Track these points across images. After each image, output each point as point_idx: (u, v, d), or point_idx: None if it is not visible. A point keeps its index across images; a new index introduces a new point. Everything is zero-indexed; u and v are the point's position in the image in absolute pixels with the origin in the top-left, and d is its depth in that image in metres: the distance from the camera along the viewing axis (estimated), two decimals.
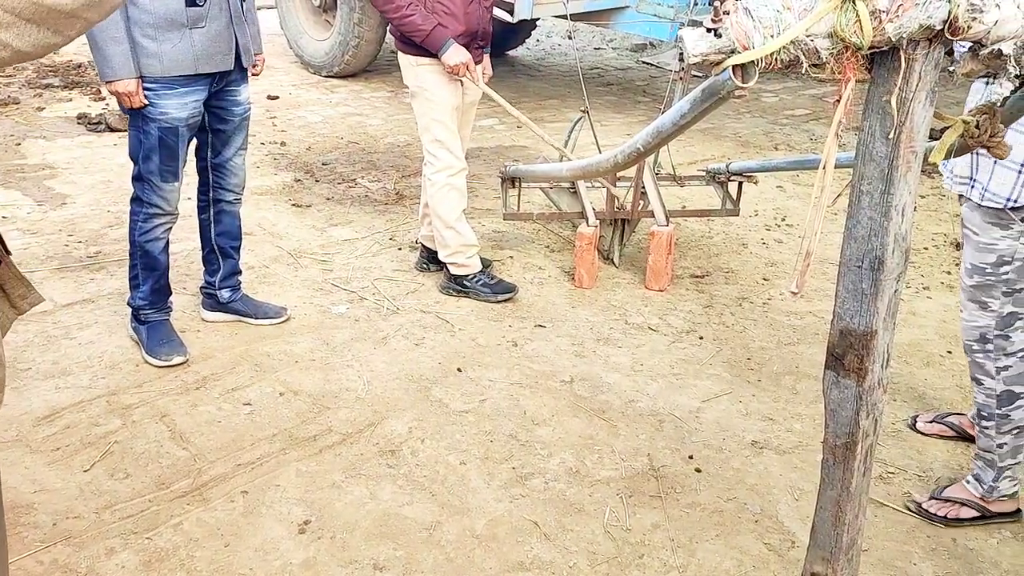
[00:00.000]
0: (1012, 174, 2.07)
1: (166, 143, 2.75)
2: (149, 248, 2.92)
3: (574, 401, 2.87)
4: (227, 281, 3.22)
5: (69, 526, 2.21)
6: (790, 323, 3.45)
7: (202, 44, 2.69)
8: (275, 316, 3.27)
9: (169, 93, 2.70)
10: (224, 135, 2.97)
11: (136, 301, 2.98)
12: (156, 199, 2.85)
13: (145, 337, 2.97)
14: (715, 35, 1.33)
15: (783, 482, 2.51)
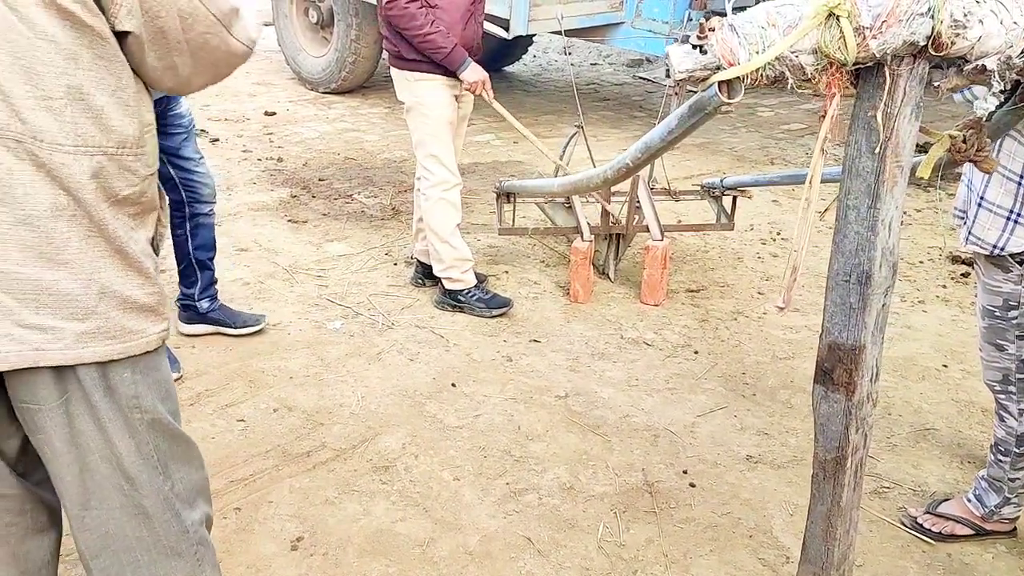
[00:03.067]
0: (1000, 219, 2.01)
1: None
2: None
3: (568, 416, 2.86)
4: (206, 292, 3.22)
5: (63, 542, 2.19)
6: (785, 337, 3.45)
7: None
8: (254, 324, 3.27)
9: None
10: (175, 150, 2.94)
11: None
12: None
13: None
14: (701, 51, 1.35)
15: (778, 497, 2.50)
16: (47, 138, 1.19)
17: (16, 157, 1.19)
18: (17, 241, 1.22)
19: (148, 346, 1.35)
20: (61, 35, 1.17)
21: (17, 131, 1.18)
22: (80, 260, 1.26)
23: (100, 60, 1.21)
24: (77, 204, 1.23)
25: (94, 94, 1.22)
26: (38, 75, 1.17)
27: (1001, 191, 2.00)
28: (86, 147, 1.22)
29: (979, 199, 2.04)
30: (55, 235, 1.23)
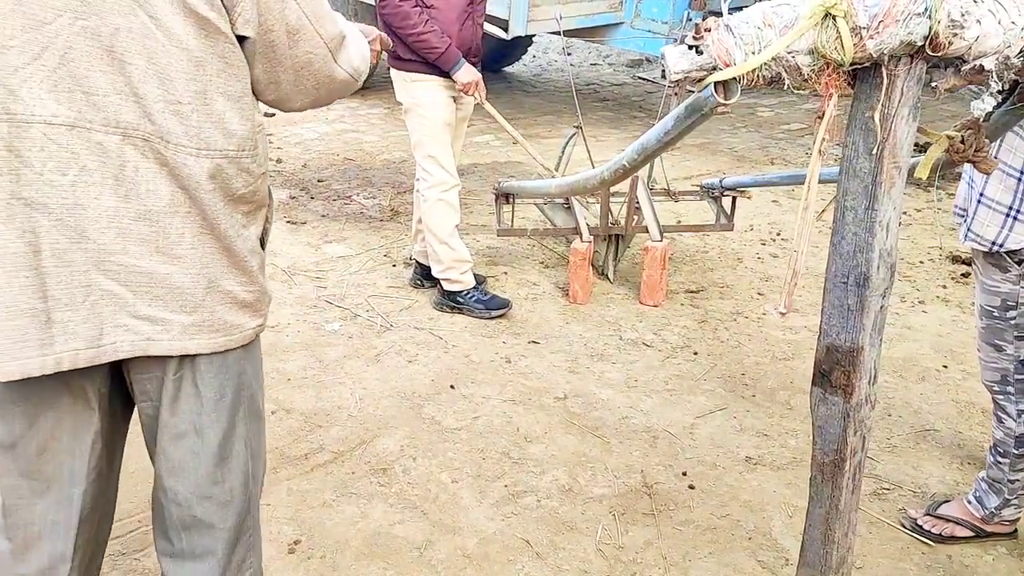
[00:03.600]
0: (999, 216, 2.00)
1: None
2: None
3: (567, 418, 2.86)
4: None
5: None
6: (785, 338, 3.44)
7: None
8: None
9: None
10: None
11: None
12: None
13: None
14: (697, 52, 1.34)
15: (777, 498, 2.49)
16: (172, 139, 1.26)
17: (142, 155, 1.26)
18: (137, 235, 1.29)
19: (245, 340, 1.42)
20: (194, 43, 1.24)
21: (146, 131, 1.25)
22: (191, 256, 1.32)
23: (226, 67, 1.28)
24: (192, 202, 1.30)
25: (218, 99, 1.28)
26: (170, 80, 1.24)
27: (1001, 187, 2.00)
28: (207, 149, 1.29)
29: (979, 195, 2.03)
30: (171, 231, 1.30)
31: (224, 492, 1.48)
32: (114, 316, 1.31)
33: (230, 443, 1.47)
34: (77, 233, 1.26)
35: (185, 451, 1.44)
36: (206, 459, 1.45)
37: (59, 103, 1.22)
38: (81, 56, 1.21)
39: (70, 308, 1.28)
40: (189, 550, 1.51)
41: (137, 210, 1.27)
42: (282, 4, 1.31)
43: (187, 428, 1.43)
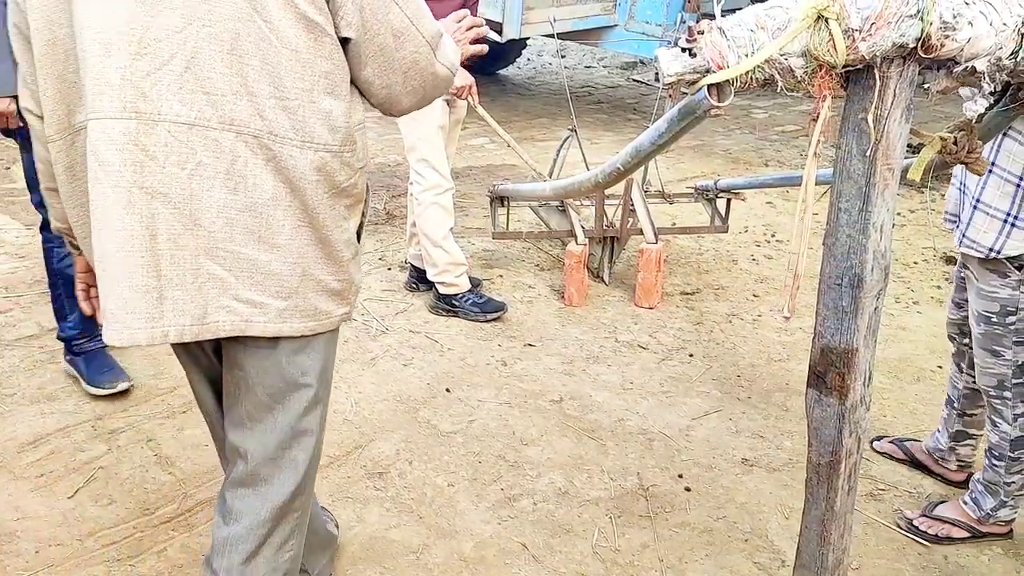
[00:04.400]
0: (996, 222, 2.00)
1: None
2: (71, 273, 2.78)
3: (563, 420, 2.85)
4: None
5: (52, 554, 2.19)
6: (780, 339, 3.44)
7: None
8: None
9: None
10: None
11: (67, 332, 2.82)
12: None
13: (84, 368, 2.83)
14: (690, 55, 1.34)
15: (773, 500, 2.49)
16: (280, 133, 1.37)
17: (251, 151, 1.37)
18: (242, 225, 1.40)
19: (331, 326, 1.56)
20: (302, 44, 1.36)
21: (256, 127, 1.36)
22: (289, 245, 1.44)
23: (331, 67, 1.40)
24: (293, 195, 1.42)
25: (323, 97, 1.39)
26: (280, 79, 1.36)
27: (998, 193, 2.00)
28: (312, 143, 1.40)
29: (975, 201, 2.03)
30: (272, 222, 1.41)
31: (289, 462, 1.62)
32: (218, 298, 1.43)
33: (305, 419, 1.61)
34: (191, 221, 1.38)
35: (265, 421, 1.59)
36: (282, 430, 1.60)
37: (182, 104, 1.34)
38: (205, 60, 1.33)
39: (180, 288, 1.41)
40: (244, 509, 1.64)
41: (244, 202, 1.39)
42: (386, 8, 1.42)
43: (270, 401, 1.58)
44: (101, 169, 1.35)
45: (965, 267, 2.17)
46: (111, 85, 1.33)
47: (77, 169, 1.43)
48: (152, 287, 1.39)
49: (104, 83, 1.33)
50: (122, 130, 1.34)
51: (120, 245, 1.37)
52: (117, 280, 1.39)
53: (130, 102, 1.34)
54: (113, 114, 1.34)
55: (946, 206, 2.20)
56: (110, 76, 1.33)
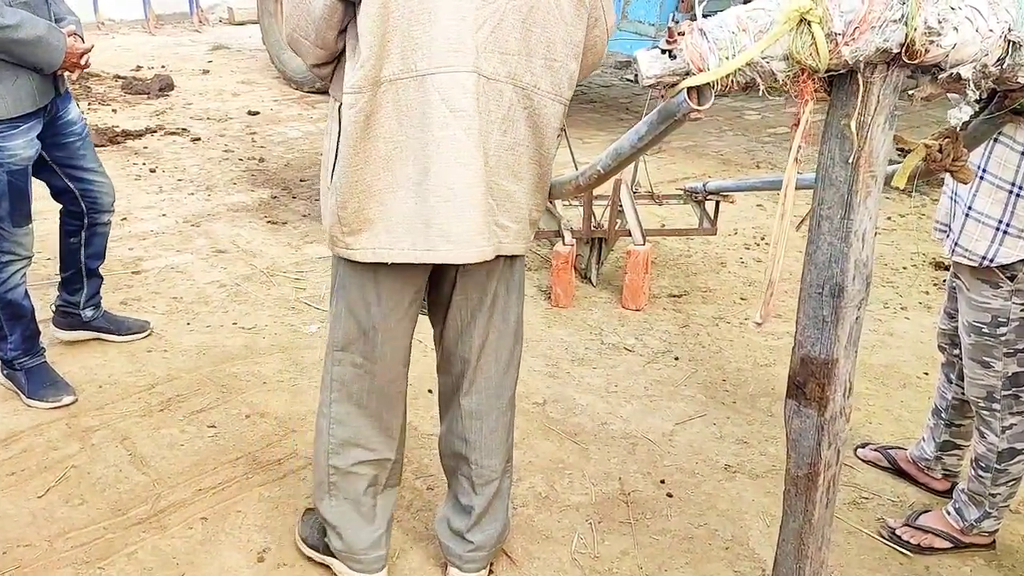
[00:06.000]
0: (988, 230, 1.96)
1: (16, 186, 2.57)
2: (11, 297, 2.70)
3: (546, 423, 2.82)
4: (92, 300, 3.10)
5: (19, 555, 2.15)
6: (767, 344, 3.42)
7: (39, 77, 2.55)
8: (139, 331, 3.16)
9: (14, 132, 2.52)
10: (74, 159, 2.81)
11: (8, 353, 2.76)
12: (11, 246, 2.64)
13: (25, 383, 2.77)
14: (670, 56, 1.31)
15: (755, 507, 2.46)
16: (542, 87, 1.70)
17: (519, 100, 1.70)
18: (504, 162, 1.72)
19: (529, 247, 1.90)
20: (572, 19, 1.69)
21: (527, 82, 1.69)
22: (527, 177, 1.77)
23: (581, 38, 1.73)
24: (534, 137, 1.74)
25: (572, 60, 1.73)
26: (552, 44, 1.68)
27: (990, 200, 1.96)
28: (560, 97, 1.74)
29: (967, 209, 2.00)
30: (521, 158, 1.74)
31: (515, 361, 2.03)
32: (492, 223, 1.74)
33: (519, 321, 2.01)
34: (486, 156, 1.68)
35: (497, 329, 1.95)
36: (507, 336, 1.98)
37: (487, 61, 1.64)
38: (506, 26, 1.63)
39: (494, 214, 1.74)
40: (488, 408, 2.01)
41: (509, 142, 1.71)
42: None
43: (498, 315, 1.94)
44: (452, 115, 1.63)
45: (956, 277, 2.14)
46: (465, 44, 1.60)
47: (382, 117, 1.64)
48: (490, 213, 1.72)
49: (460, 41, 1.60)
50: (473, 83, 1.62)
51: (471, 181, 1.66)
52: (464, 206, 1.67)
53: (474, 60, 1.62)
54: (466, 68, 1.61)
55: (936, 215, 2.17)
56: (465, 37, 1.60)
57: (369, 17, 1.58)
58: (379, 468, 2.03)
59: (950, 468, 2.48)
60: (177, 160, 5.23)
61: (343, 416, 1.98)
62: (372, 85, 1.63)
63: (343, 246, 1.78)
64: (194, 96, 6.72)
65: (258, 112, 6.37)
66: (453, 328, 1.96)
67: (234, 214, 4.43)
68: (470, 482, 2.07)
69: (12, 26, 2.39)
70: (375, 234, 1.73)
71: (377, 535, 2.06)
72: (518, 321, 2.00)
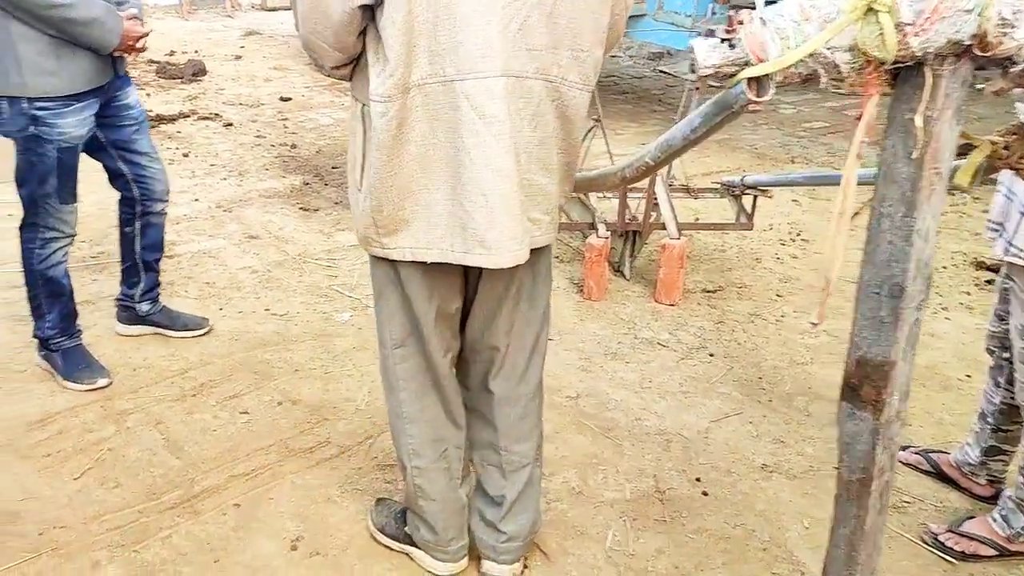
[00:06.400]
0: None
1: (65, 164, 2.58)
2: (52, 274, 2.72)
3: (579, 418, 2.79)
4: (148, 294, 3.09)
5: (56, 536, 2.16)
6: (803, 342, 3.36)
7: (97, 57, 2.55)
8: (196, 327, 3.14)
9: (67, 111, 2.53)
10: (125, 143, 2.81)
11: (45, 332, 2.78)
12: (55, 222, 2.66)
13: (61, 363, 2.79)
14: (729, 46, 1.26)
15: (793, 508, 2.42)
16: (570, 78, 1.67)
17: (547, 94, 1.66)
18: (535, 156, 1.69)
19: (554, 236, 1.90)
20: (598, 6, 1.66)
21: (555, 75, 1.65)
22: (556, 168, 1.75)
23: (605, 24, 1.70)
24: (562, 127, 1.71)
25: (598, 48, 1.70)
26: (579, 35, 1.65)
27: None
28: (588, 86, 1.71)
29: (1022, 207, 1.94)
30: (551, 151, 1.72)
31: (541, 347, 2.03)
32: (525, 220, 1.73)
33: (547, 307, 2.02)
34: (517, 156, 1.66)
35: (524, 316, 1.96)
36: (534, 322, 1.98)
37: (516, 59, 1.60)
38: (533, 22, 1.59)
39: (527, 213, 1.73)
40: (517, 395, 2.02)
41: (539, 137, 1.68)
42: None
43: (524, 302, 1.95)
44: (482, 121, 1.59)
45: (1010, 278, 2.08)
46: (493, 48, 1.57)
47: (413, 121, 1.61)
48: (523, 211, 1.70)
49: (488, 46, 1.56)
50: (502, 87, 1.59)
51: (504, 186, 1.64)
52: (498, 212, 1.65)
53: (503, 62, 1.58)
54: (495, 73, 1.58)
55: (991, 214, 2.10)
56: (493, 40, 1.56)
57: (394, 24, 1.54)
58: (456, 459, 2.05)
59: (995, 474, 2.42)
60: (210, 145, 5.25)
61: (415, 414, 1.98)
62: (401, 92, 1.60)
63: (379, 246, 1.78)
64: (227, 81, 6.74)
65: (290, 98, 6.38)
66: (480, 317, 1.94)
67: (266, 200, 4.44)
68: (500, 471, 2.06)
69: (66, 5, 2.39)
70: (412, 234, 1.72)
71: (460, 525, 2.09)
72: (546, 307, 2.00)
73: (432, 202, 1.69)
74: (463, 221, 1.67)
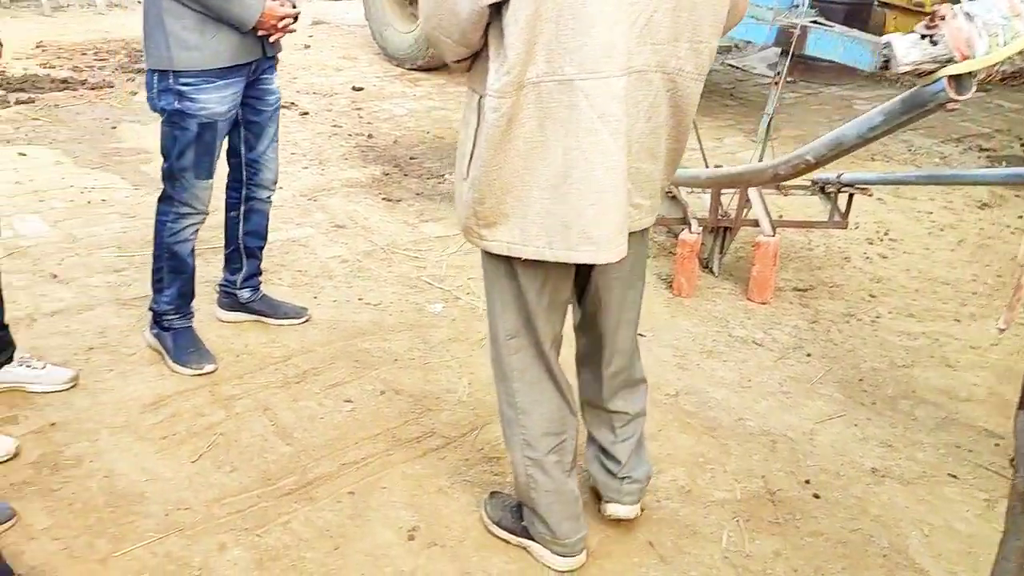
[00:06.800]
0: None
1: (203, 139, 2.61)
2: (178, 250, 2.76)
3: (681, 416, 2.77)
4: (249, 281, 3.11)
5: (180, 518, 2.19)
6: (902, 344, 3.29)
7: (241, 36, 2.56)
8: (296, 316, 3.14)
9: (209, 86, 2.56)
10: (258, 127, 2.83)
11: (161, 306, 2.82)
12: (189, 197, 2.69)
13: (171, 344, 2.83)
14: (930, 42, 1.23)
15: (910, 515, 2.37)
16: (687, 69, 1.69)
17: (664, 85, 1.69)
18: (646, 146, 1.74)
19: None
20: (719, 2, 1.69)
21: (673, 66, 1.67)
22: (663, 156, 1.80)
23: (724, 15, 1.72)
24: (673, 116, 1.75)
25: (714, 39, 1.72)
26: (699, 27, 1.67)
27: None
28: (702, 75, 1.74)
29: None
30: (660, 139, 1.76)
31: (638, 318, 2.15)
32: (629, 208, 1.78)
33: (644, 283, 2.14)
34: (629, 149, 1.69)
35: (633, 293, 2.07)
36: (639, 297, 2.11)
37: (640, 55, 1.63)
38: (658, 17, 1.61)
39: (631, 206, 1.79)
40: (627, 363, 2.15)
41: (651, 127, 1.72)
42: None
43: (633, 287, 2.06)
44: (600, 120, 1.61)
45: None
46: (617, 48, 1.59)
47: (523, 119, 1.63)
48: (628, 205, 1.74)
49: (612, 47, 1.58)
50: (623, 85, 1.61)
51: (616, 184, 1.67)
52: (609, 211, 1.69)
53: (626, 60, 1.60)
54: (617, 72, 1.60)
55: None
56: (617, 41, 1.58)
57: (517, 22, 1.56)
58: (569, 450, 2.06)
59: None
60: (288, 134, 5.29)
61: (529, 405, 1.99)
62: (516, 89, 1.62)
63: (477, 236, 1.82)
64: (298, 70, 6.79)
65: (362, 88, 6.41)
66: (593, 297, 2.04)
67: (349, 190, 4.46)
68: (611, 430, 2.19)
69: None
70: (509, 229, 1.76)
71: (578, 517, 2.09)
72: (644, 283, 2.14)
73: (530, 200, 1.71)
74: (566, 219, 1.69)
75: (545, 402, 2.01)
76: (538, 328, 1.94)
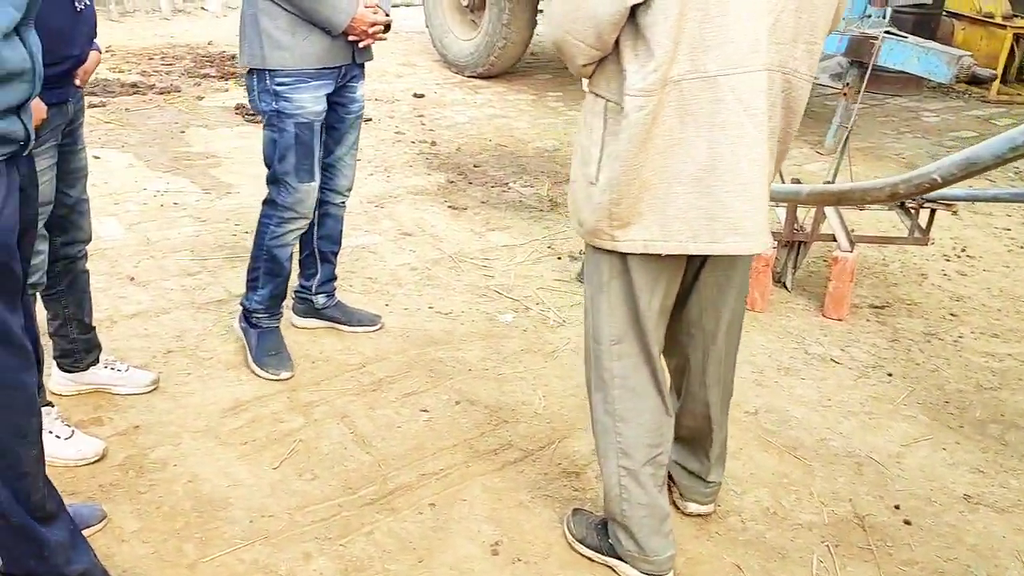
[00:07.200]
0: None
1: (302, 139, 2.63)
2: (277, 253, 2.78)
3: (761, 435, 2.71)
4: (324, 287, 3.10)
5: (265, 525, 2.19)
6: (988, 365, 3.19)
7: (332, 40, 2.56)
8: (369, 324, 3.14)
9: (303, 87, 2.58)
10: (339, 133, 2.84)
11: (252, 304, 2.85)
12: (293, 202, 2.70)
13: (255, 343, 2.85)
14: None
15: (1008, 545, 2.28)
16: (802, 69, 1.71)
17: (780, 86, 1.71)
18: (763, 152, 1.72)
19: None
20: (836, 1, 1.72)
21: (791, 67, 1.70)
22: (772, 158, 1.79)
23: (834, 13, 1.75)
24: (785, 116, 1.76)
25: (823, 39, 1.74)
26: (817, 28, 1.70)
27: None
28: (811, 75, 1.75)
29: None
30: (774, 139, 1.77)
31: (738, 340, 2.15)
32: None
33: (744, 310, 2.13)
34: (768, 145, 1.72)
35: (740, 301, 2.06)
36: (743, 306, 2.11)
37: (768, 53, 1.66)
38: (785, 16, 1.65)
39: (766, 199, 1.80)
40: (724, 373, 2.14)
41: (771, 127, 1.72)
42: None
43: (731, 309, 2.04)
44: (746, 114, 1.65)
45: None
46: (761, 43, 1.63)
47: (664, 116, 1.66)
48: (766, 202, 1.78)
49: (757, 41, 1.63)
50: (764, 80, 1.65)
51: (762, 176, 1.72)
52: (756, 201, 1.72)
53: (766, 57, 1.65)
54: (759, 67, 1.64)
55: None
56: (761, 36, 1.63)
57: (667, 20, 1.59)
58: (663, 464, 2.04)
59: None
60: None
61: (628, 413, 1.96)
62: (661, 87, 1.64)
63: (608, 239, 1.81)
64: None
65: (423, 95, 6.43)
66: (697, 304, 2.03)
67: (415, 197, 4.47)
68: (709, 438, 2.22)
69: None
70: (645, 227, 1.77)
71: (668, 534, 2.06)
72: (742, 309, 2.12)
73: (671, 196, 1.73)
74: (712, 212, 1.72)
75: (646, 411, 1.98)
76: (648, 332, 1.94)
